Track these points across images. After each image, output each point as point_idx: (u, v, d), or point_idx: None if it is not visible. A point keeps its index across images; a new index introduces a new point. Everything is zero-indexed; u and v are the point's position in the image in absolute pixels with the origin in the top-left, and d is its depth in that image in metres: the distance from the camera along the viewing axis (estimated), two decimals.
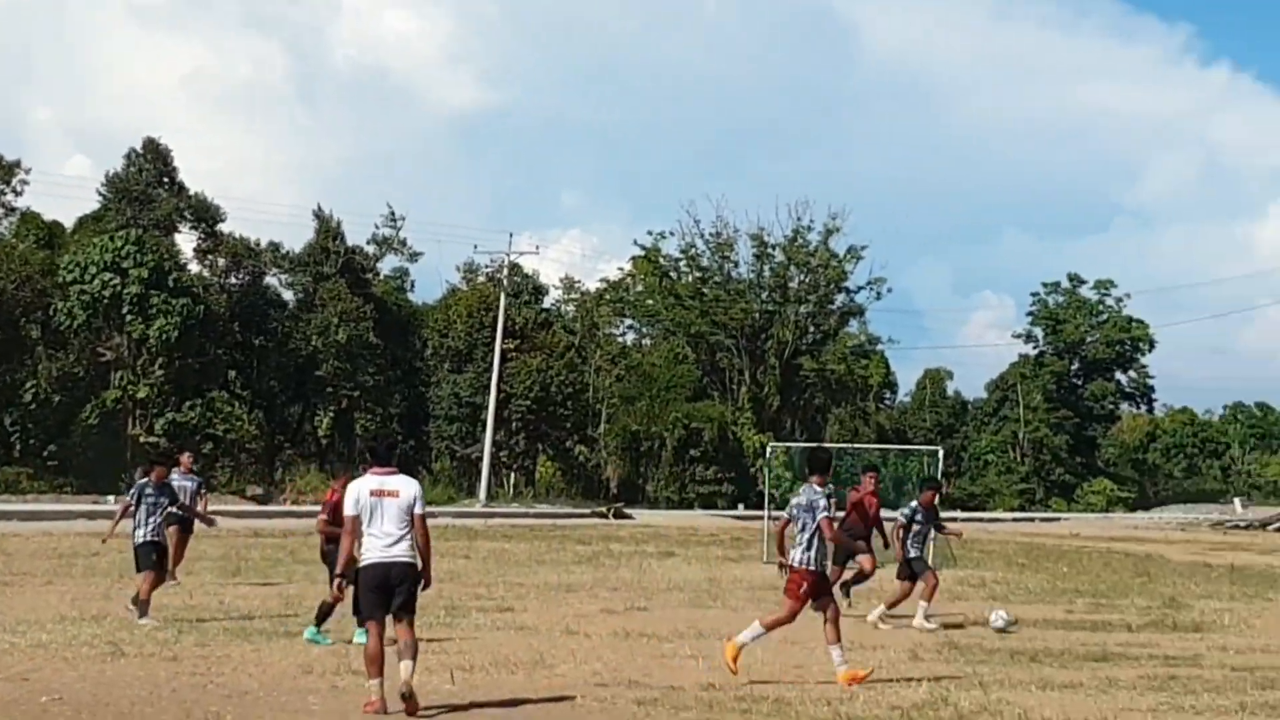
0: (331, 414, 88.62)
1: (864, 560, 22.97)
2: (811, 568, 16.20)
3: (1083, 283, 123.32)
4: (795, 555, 16.28)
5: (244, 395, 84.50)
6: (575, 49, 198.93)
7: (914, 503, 22.97)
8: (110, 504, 56.02)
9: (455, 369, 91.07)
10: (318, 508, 23.45)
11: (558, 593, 26.88)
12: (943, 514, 24.96)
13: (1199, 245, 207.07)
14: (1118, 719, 14.04)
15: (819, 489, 16.47)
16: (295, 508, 61.23)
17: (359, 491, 13.96)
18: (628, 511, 69.89)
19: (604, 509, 70.94)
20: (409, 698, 13.40)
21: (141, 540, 21.04)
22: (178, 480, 24.60)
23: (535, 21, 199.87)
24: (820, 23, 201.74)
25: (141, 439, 75.70)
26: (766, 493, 44.33)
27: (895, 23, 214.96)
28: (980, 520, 73.01)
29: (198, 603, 22.96)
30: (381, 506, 13.81)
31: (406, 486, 14.02)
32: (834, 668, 16.14)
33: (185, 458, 27.71)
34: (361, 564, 13.83)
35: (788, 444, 76.87)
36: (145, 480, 21.67)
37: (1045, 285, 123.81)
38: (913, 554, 22.50)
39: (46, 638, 18.48)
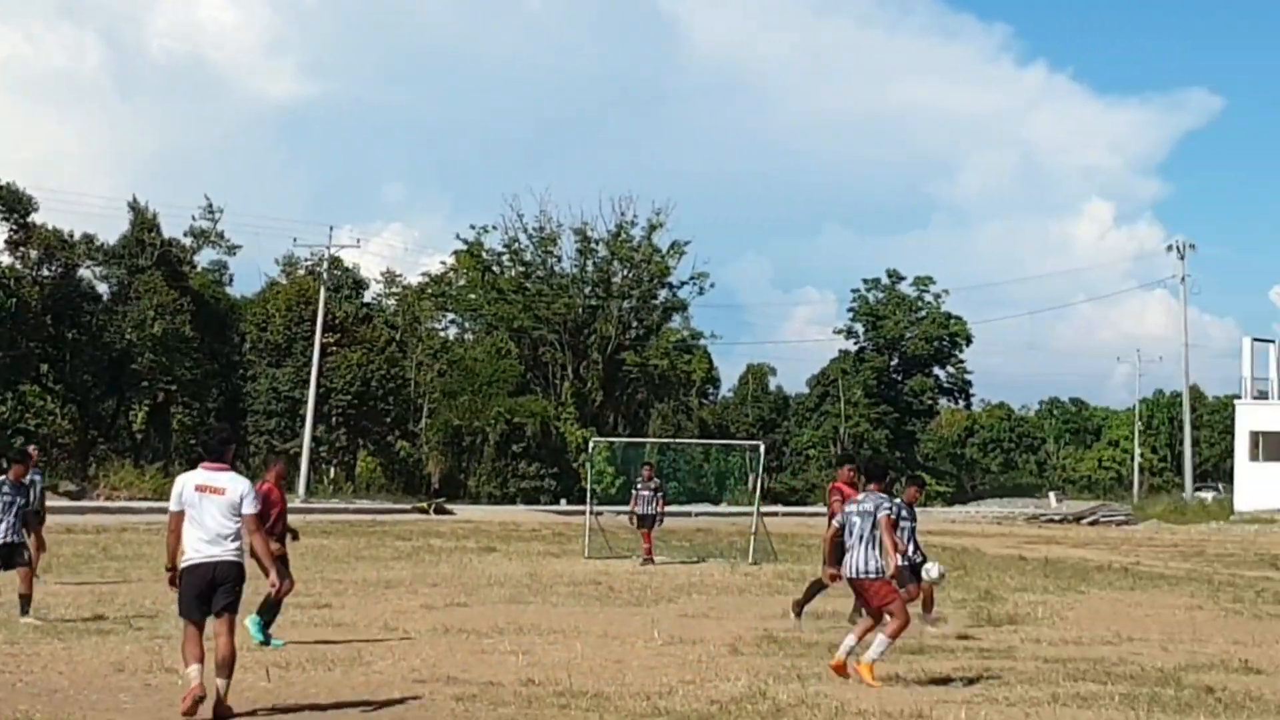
0: (147, 408, 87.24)
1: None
2: (884, 573, 16.13)
3: (902, 279, 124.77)
4: (868, 564, 16.12)
5: (56, 389, 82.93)
6: (396, 40, 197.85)
7: (898, 500, 20.74)
8: None
9: (274, 363, 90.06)
10: (132, 504, 23.13)
11: (377, 589, 26.68)
12: (762, 509, 25.02)
13: (1015, 242, 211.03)
14: (933, 711, 14.15)
15: (881, 495, 16.45)
16: (108, 503, 60.17)
17: (183, 486, 13.47)
18: (449, 507, 69.53)
19: (424, 504, 70.52)
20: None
21: None
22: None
23: (355, 12, 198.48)
24: (643, 17, 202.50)
25: None
26: (589, 488, 44.30)
27: (718, 18, 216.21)
28: (801, 515, 73.55)
29: (7, 600, 22.45)
30: (205, 503, 13.31)
31: (234, 484, 13.47)
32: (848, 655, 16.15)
33: (32, 450, 27.28)
34: (184, 563, 13.33)
35: (610, 439, 77.08)
36: (2, 479, 21.27)
37: (866, 282, 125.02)
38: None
39: None
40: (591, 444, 50.82)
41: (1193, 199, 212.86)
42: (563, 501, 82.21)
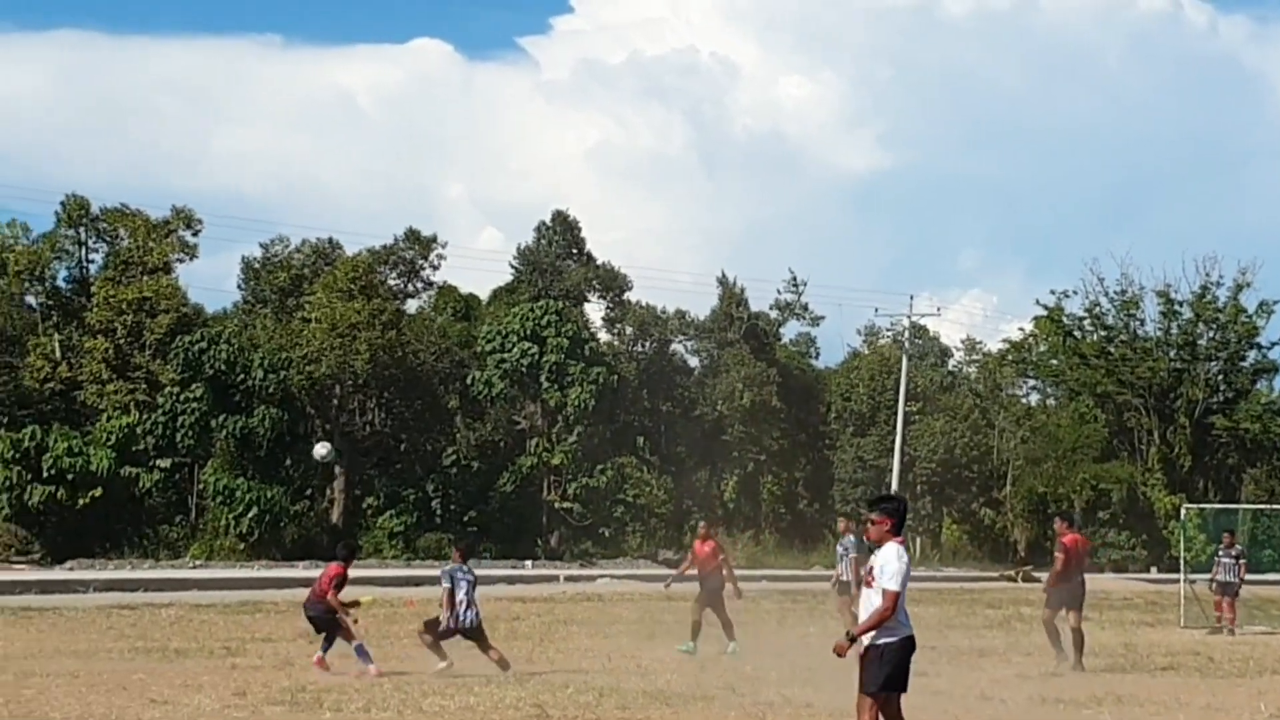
0: (737, 477, 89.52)
1: None
2: None
3: None
4: None
5: (653, 460, 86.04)
6: (970, 107, 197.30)
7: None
8: (528, 568, 57.99)
9: (859, 432, 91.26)
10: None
11: (970, 657, 26.90)
12: None
13: None
14: None
15: None
16: None
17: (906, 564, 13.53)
18: (1036, 575, 68.89)
19: (1012, 572, 70.15)
20: None
21: None
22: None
23: (930, 82, 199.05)
24: (1224, 72, 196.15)
25: (556, 505, 78.02)
26: (1182, 556, 43.30)
27: None
28: None
29: (616, 666, 23.59)
30: None
31: None
32: None
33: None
34: (899, 636, 13.44)
35: (1201, 505, 75.03)
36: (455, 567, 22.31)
37: None
38: None
39: (474, 700, 19.08)
40: (1183, 511, 49.70)
41: None
42: (1153, 570, 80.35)
